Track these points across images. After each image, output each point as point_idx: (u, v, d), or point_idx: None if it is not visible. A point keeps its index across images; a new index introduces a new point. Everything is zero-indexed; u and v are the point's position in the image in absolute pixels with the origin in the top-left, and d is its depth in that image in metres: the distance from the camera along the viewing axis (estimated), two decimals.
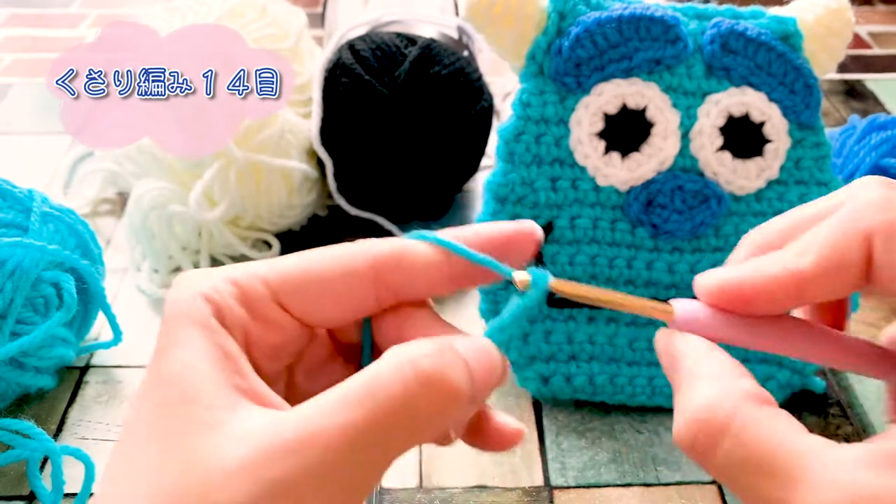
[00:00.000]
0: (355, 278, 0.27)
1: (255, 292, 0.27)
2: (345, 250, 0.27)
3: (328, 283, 0.27)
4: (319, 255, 0.27)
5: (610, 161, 0.47)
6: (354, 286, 0.27)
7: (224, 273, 0.27)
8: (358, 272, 0.27)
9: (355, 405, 0.23)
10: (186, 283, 0.27)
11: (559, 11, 0.46)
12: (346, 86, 0.59)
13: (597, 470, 0.46)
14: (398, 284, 0.28)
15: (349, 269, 0.27)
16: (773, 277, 0.27)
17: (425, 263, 0.28)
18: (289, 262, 0.27)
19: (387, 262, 0.27)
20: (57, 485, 0.43)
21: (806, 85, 0.47)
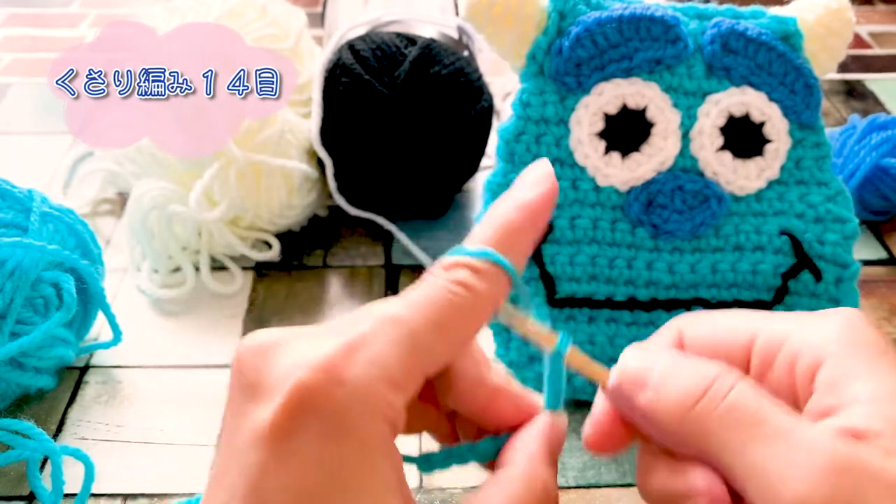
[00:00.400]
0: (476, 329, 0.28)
1: (415, 391, 0.26)
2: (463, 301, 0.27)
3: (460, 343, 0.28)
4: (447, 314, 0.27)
5: (610, 161, 0.47)
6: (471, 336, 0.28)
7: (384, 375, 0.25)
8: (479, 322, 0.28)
9: None
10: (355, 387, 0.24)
11: (559, 11, 0.46)
12: (346, 86, 0.59)
13: (597, 470, 0.46)
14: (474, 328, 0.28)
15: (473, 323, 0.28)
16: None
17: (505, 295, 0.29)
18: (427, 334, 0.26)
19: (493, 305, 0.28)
20: (57, 485, 0.43)
21: (806, 85, 0.47)
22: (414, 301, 0.26)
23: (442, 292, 0.26)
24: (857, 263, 0.48)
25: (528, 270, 0.47)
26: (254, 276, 0.60)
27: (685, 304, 0.48)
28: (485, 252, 0.28)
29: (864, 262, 0.61)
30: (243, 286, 0.59)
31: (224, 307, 0.57)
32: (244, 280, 0.60)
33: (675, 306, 0.48)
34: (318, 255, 0.62)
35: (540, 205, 0.29)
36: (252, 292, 0.59)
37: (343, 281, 0.60)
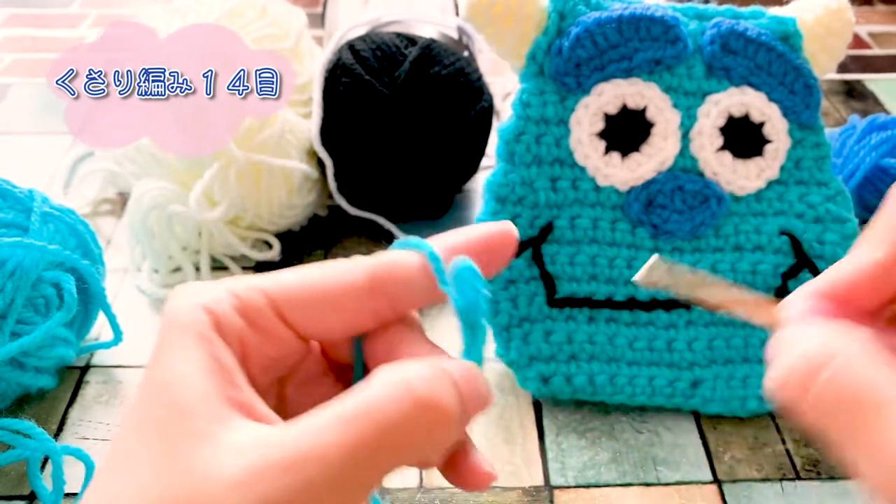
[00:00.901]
0: (354, 290, 0.28)
1: (256, 303, 0.27)
2: (342, 264, 0.28)
3: (328, 295, 0.27)
4: (319, 268, 0.28)
5: (610, 161, 0.47)
6: (353, 298, 0.28)
7: (225, 284, 0.27)
8: (356, 284, 0.28)
9: (350, 424, 0.24)
10: (186, 294, 0.27)
11: (559, 11, 0.46)
12: (346, 86, 0.59)
13: (597, 470, 0.46)
14: (394, 297, 0.28)
15: (348, 281, 0.28)
16: (857, 273, 0.27)
17: (418, 274, 0.28)
18: (289, 275, 0.28)
19: (382, 274, 0.28)
20: (57, 485, 0.43)
21: (806, 85, 0.47)
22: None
23: (336, 260, 0.28)
24: None
25: (528, 270, 0.47)
26: None
27: (685, 304, 0.48)
28: (404, 242, 0.28)
29: None
30: None
31: None
32: None
33: (674, 306, 0.48)
34: (319, 255, 0.62)
35: (496, 234, 0.29)
36: None
37: None
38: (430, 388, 0.25)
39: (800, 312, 0.27)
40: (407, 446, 0.24)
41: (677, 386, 0.48)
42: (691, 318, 0.48)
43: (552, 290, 0.48)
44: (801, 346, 0.24)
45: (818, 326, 0.25)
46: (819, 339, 0.24)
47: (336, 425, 0.24)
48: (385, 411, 0.24)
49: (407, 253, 0.28)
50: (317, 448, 0.23)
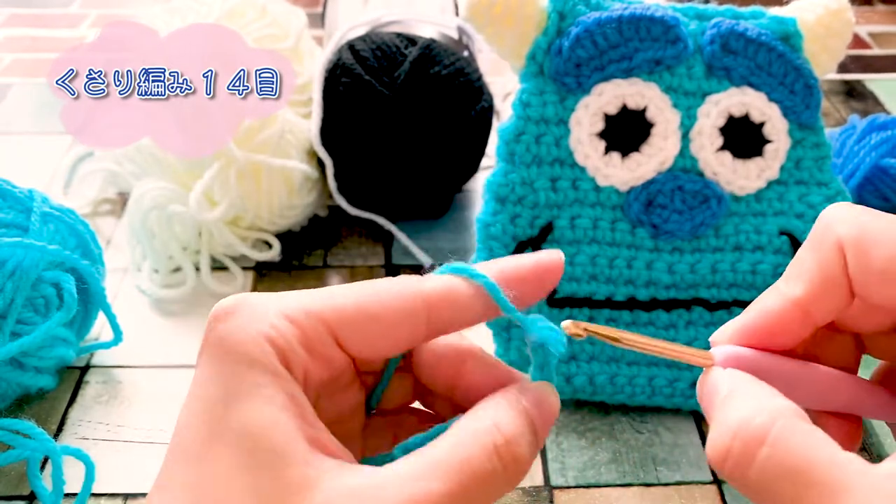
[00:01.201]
0: (411, 318, 0.28)
1: (315, 331, 0.26)
2: (399, 287, 0.28)
3: (385, 321, 0.27)
4: (374, 290, 0.28)
5: (610, 161, 0.47)
6: (409, 324, 0.28)
7: (280, 309, 0.26)
8: (413, 312, 0.27)
9: (451, 476, 0.25)
10: (241, 319, 0.26)
11: (559, 11, 0.46)
12: (346, 86, 0.59)
13: (597, 470, 0.46)
14: (447, 322, 0.28)
15: (405, 308, 0.27)
16: (778, 312, 0.29)
17: (470, 301, 0.28)
18: (345, 297, 0.27)
19: (440, 303, 0.28)
20: (57, 485, 0.43)
21: (806, 85, 0.47)
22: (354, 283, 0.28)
23: (387, 279, 0.28)
24: None
25: None
26: (254, 276, 0.60)
27: (685, 304, 0.48)
28: (455, 267, 0.28)
29: None
30: (244, 286, 0.59)
31: None
32: (244, 280, 0.60)
33: (674, 306, 0.48)
34: (319, 255, 0.62)
35: (542, 264, 0.29)
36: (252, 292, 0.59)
37: (343, 281, 0.60)
38: (516, 444, 0.26)
39: (725, 356, 0.28)
40: (491, 496, 0.26)
41: (677, 386, 0.48)
42: (691, 318, 0.48)
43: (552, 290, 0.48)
44: (735, 417, 0.25)
45: (747, 389, 0.26)
46: (749, 407, 0.25)
47: (440, 476, 0.24)
48: (479, 466, 0.25)
49: (462, 281, 0.28)
50: (426, 497, 0.24)
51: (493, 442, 0.26)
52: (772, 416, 0.25)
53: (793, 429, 0.24)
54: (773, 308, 0.29)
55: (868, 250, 0.27)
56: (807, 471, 0.23)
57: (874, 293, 0.28)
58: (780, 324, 0.29)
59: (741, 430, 0.25)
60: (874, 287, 0.27)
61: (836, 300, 0.28)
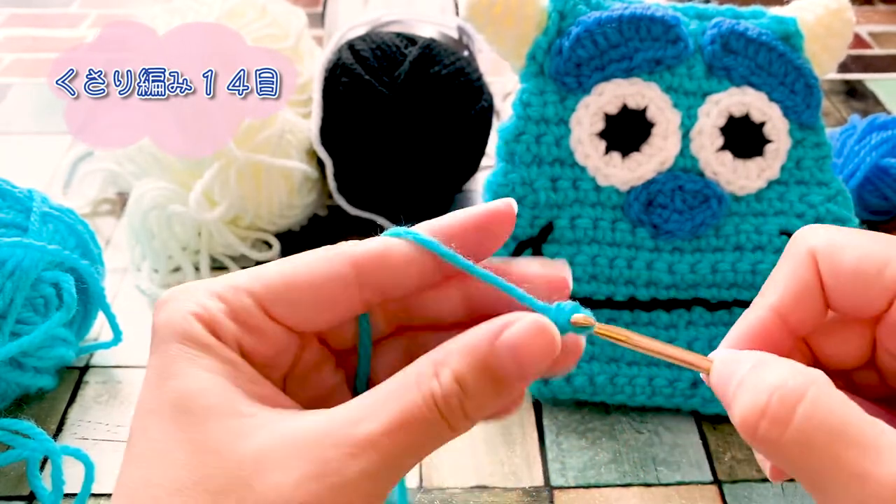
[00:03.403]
0: (338, 281, 0.27)
1: (242, 305, 0.27)
2: (325, 254, 0.28)
3: (311, 288, 0.27)
4: (300, 260, 0.28)
5: (610, 161, 0.47)
6: (338, 289, 0.27)
7: (207, 288, 0.27)
8: (340, 275, 0.27)
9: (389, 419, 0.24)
10: (172, 305, 0.27)
11: (559, 11, 0.46)
12: (346, 86, 0.59)
13: (597, 470, 0.46)
14: (383, 284, 0.28)
15: (331, 272, 0.27)
16: (760, 321, 0.29)
17: (406, 261, 0.28)
18: (270, 270, 0.28)
19: (368, 262, 0.27)
20: (57, 485, 0.43)
21: (806, 85, 0.47)
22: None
23: (315, 250, 0.28)
24: None
25: None
26: None
27: (685, 304, 0.48)
28: (393, 231, 0.28)
29: None
30: None
31: None
32: None
33: (675, 306, 0.48)
34: None
35: (492, 210, 0.28)
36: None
37: None
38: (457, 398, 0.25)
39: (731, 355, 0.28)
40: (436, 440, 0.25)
41: (677, 386, 0.48)
42: (691, 318, 0.48)
43: None
44: (772, 378, 0.25)
45: (776, 359, 0.26)
46: (784, 370, 0.25)
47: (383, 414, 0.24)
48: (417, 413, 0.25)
49: (392, 240, 0.28)
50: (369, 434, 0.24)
51: (432, 393, 0.25)
52: (808, 379, 0.25)
53: (829, 392, 0.24)
54: (755, 318, 0.29)
55: (838, 254, 0.28)
56: (846, 431, 0.23)
57: (846, 297, 0.28)
58: (762, 334, 0.29)
59: (779, 389, 0.24)
60: (846, 289, 0.28)
61: (811, 306, 0.29)
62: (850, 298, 0.28)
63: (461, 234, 0.28)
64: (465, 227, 0.28)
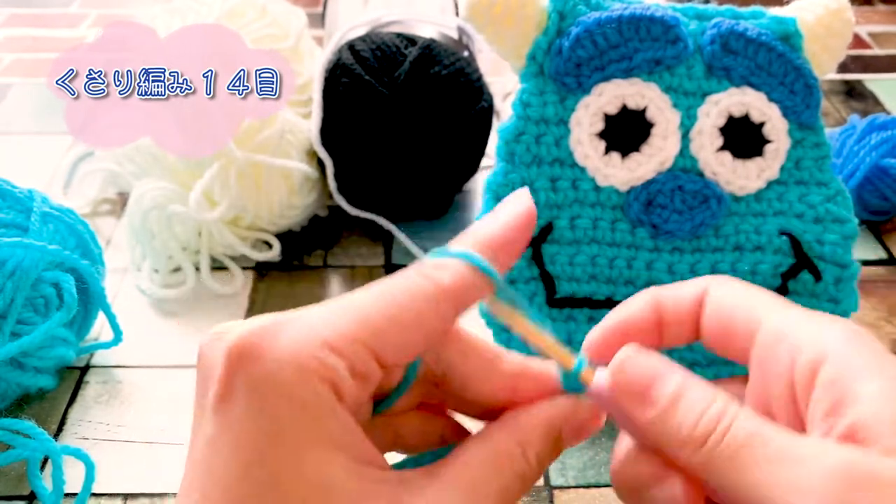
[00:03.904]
0: (438, 317, 0.27)
1: (359, 358, 0.25)
2: (420, 288, 0.27)
3: (417, 328, 0.26)
4: (400, 298, 0.26)
5: (610, 161, 0.47)
6: (437, 324, 0.27)
7: (320, 338, 0.25)
8: (439, 311, 0.27)
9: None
10: (282, 357, 0.24)
11: (559, 11, 0.46)
12: (346, 86, 0.59)
13: (597, 470, 0.46)
14: (458, 314, 0.28)
15: (431, 309, 0.27)
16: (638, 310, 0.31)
17: (477, 291, 0.28)
18: (376, 312, 0.26)
19: (456, 295, 0.27)
20: (57, 485, 0.43)
21: (806, 85, 0.47)
22: (369, 287, 0.27)
23: (399, 281, 0.27)
24: (856, 264, 0.48)
25: (528, 270, 0.47)
26: (254, 276, 0.60)
27: None
28: (454, 252, 0.28)
29: (864, 263, 0.61)
30: (244, 286, 0.59)
31: (224, 307, 0.57)
32: (244, 280, 0.60)
33: None
34: (319, 255, 0.62)
35: (517, 219, 0.29)
36: (252, 292, 0.59)
37: (343, 281, 0.60)
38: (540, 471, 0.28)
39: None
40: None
41: None
42: None
43: (552, 290, 0.48)
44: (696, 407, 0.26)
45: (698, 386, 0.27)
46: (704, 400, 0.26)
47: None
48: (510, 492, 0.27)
49: (469, 270, 0.27)
50: None
51: (523, 472, 0.27)
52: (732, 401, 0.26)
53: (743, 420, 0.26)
54: (633, 306, 0.30)
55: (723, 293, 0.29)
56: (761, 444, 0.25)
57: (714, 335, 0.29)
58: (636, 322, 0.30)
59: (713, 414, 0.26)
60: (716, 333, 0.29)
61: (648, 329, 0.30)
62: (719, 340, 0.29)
63: (506, 251, 0.29)
64: (510, 242, 0.29)
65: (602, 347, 0.30)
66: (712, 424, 0.25)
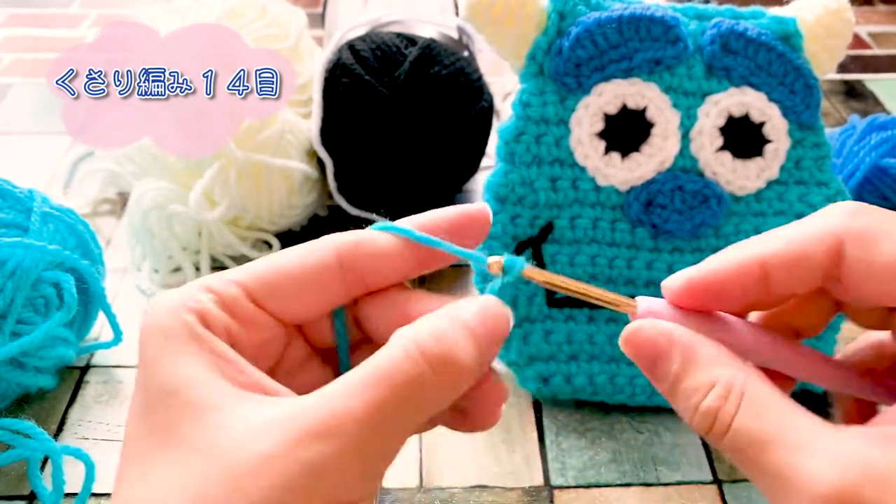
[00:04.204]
0: (322, 270, 0.29)
1: (232, 295, 0.28)
2: (309, 246, 0.29)
3: (298, 277, 0.29)
4: (287, 253, 0.29)
5: (610, 161, 0.47)
6: (322, 277, 0.29)
7: (198, 282, 0.28)
8: (323, 264, 0.29)
9: (372, 388, 0.24)
10: (164, 300, 0.27)
11: (559, 11, 0.46)
12: (346, 86, 0.59)
13: (597, 470, 0.46)
14: (364, 272, 0.29)
15: (315, 262, 0.29)
16: (738, 264, 0.28)
17: (387, 250, 0.29)
18: (259, 263, 0.29)
19: (349, 251, 0.29)
20: (57, 485, 0.43)
21: (806, 85, 0.47)
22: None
23: (314, 242, 0.30)
24: None
25: None
26: None
27: None
28: (379, 225, 0.30)
29: None
30: None
31: None
32: None
33: None
34: None
35: (469, 213, 0.30)
36: None
37: None
38: (443, 346, 0.25)
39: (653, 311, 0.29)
40: (426, 403, 0.25)
41: None
42: None
43: (552, 290, 0.48)
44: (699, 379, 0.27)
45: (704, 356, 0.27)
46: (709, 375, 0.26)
47: (359, 390, 0.24)
48: (403, 374, 0.25)
49: (372, 231, 0.30)
50: (345, 412, 0.24)
51: (417, 345, 0.25)
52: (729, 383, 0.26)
53: (752, 395, 0.26)
54: (734, 260, 0.28)
55: (872, 246, 0.26)
56: (767, 435, 0.25)
57: (873, 289, 0.27)
58: (735, 278, 0.28)
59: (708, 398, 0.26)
60: (875, 283, 0.26)
61: (805, 277, 0.27)
62: (878, 291, 0.26)
63: (436, 231, 0.30)
64: (445, 226, 0.30)
65: (683, 297, 0.29)
66: (718, 399, 0.26)
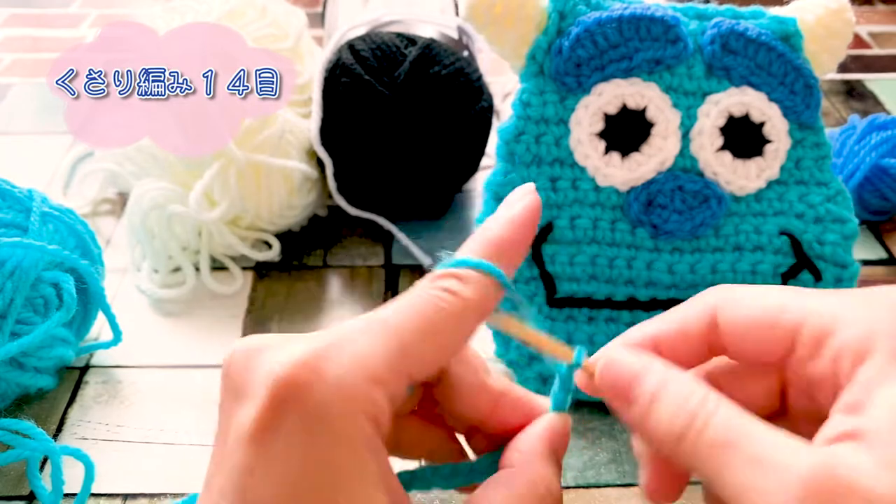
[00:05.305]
0: (466, 334, 0.28)
1: (399, 389, 0.26)
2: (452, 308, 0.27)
3: (449, 347, 0.28)
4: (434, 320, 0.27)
5: (610, 161, 0.47)
6: (464, 340, 0.29)
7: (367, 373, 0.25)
8: (468, 328, 0.28)
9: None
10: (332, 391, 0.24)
11: (559, 11, 0.46)
12: (346, 86, 0.59)
13: (597, 470, 0.46)
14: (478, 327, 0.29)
15: (461, 328, 0.28)
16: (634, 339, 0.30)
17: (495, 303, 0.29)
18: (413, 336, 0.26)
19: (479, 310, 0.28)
20: (57, 485, 0.43)
21: (806, 85, 0.47)
22: (401, 306, 0.27)
23: (429, 298, 0.27)
24: (856, 263, 0.48)
25: (528, 270, 0.47)
26: (254, 276, 0.60)
27: None
28: (472, 262, 0.28)
29: (864, 262, 0.61)
30: (243, 286, 0.59)
31: (224, 307, 0.57)
32: (244, 280, 0.60)
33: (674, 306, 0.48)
34: (319, 255, 0.62)
35: (525, 217, 0.30)
36: (252, 292, 0.59)
37: (343, 281, 0.60)
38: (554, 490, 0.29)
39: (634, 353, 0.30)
40: None
41: None
42: None
43: (552, 290, 0.48)
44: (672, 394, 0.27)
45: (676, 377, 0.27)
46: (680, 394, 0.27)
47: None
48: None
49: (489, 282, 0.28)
50: None
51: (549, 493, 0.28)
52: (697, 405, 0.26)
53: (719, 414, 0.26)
54: (631, 338, 0.30)
55: (734, 307, 0.29)
56: (735, 452, 0.25)
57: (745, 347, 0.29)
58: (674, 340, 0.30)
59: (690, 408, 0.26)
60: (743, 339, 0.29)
61: (690, 345, 0.30)
62: (749, 348, 0.29)
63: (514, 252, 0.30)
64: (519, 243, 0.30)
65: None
66: (688, 419, 0.26)
